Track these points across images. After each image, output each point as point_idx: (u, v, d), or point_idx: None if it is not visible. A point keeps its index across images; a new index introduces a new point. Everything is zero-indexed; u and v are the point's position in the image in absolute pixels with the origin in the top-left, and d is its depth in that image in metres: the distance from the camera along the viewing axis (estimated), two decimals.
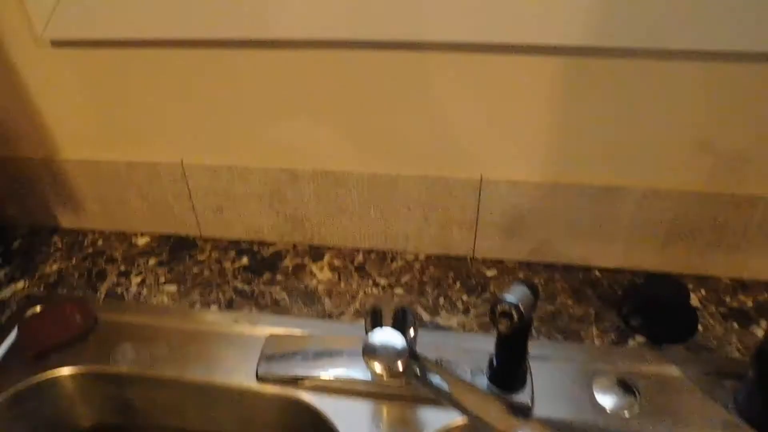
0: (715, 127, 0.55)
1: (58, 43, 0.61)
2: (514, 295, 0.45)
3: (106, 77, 0.62)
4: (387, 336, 0.42)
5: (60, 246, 0.74)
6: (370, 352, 0.42)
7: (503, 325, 0.45)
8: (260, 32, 0.56)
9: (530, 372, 0.54)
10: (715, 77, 0.52)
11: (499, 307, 0.45)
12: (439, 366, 0.48)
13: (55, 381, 0.58)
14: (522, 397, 0.52)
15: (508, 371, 0.52)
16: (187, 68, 0.60)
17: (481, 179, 0.62)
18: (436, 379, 0.46)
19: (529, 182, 0.61)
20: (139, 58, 0.60)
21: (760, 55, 0.51)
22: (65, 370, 0.58)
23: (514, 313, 0.44)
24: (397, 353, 0.42)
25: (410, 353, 0.46)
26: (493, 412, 0.44)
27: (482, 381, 0.53)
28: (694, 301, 0.62)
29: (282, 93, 0.60)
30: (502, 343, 0.50)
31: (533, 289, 0.47)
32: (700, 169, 0.58)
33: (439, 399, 0.46)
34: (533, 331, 0.59)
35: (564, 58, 0.54)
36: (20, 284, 0.68)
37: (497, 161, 0.61)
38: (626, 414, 0.52)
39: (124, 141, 0.67)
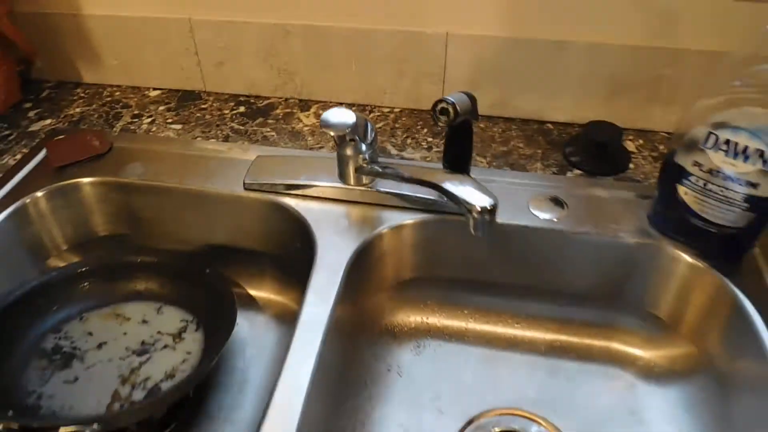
0: None
1: None
2: (453, 97, 0.54)
3: None
4: (341, 113, 0.52)
5: (82, 95, 0.84)
6: (325, 122, 0.51)
7: (442, 121, 0.54)
8: None
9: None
10: None
11: (438, 105, 0.54)
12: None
13: (77, 186, 0.68)
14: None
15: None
16: None
17: (447, 35, 0.70)
18: (394, 170, 0.56)
19: (489, 36, 0.69)
20: None
21: None
22: (85, 179, 0.69)
23: (450, 110, 0.53)
24: (348, 125, 0.51)
25: (370, 157, 0.56)
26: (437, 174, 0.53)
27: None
28: (631, 147, 0.70)
29: None
30: (447, 148, 0.59)
31: (471, 97, 0.55)
32: (637, 25, 0.65)
33: (400, 182, 0.56)
34: (484, 162, 0.68)
35: None
36: (48, 121, 0.79)
37: (461, 17, 0.69)
38: (555, 220, 0.61)
39: None
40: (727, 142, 0.50)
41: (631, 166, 0.68)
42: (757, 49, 0.48)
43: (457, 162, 0.61)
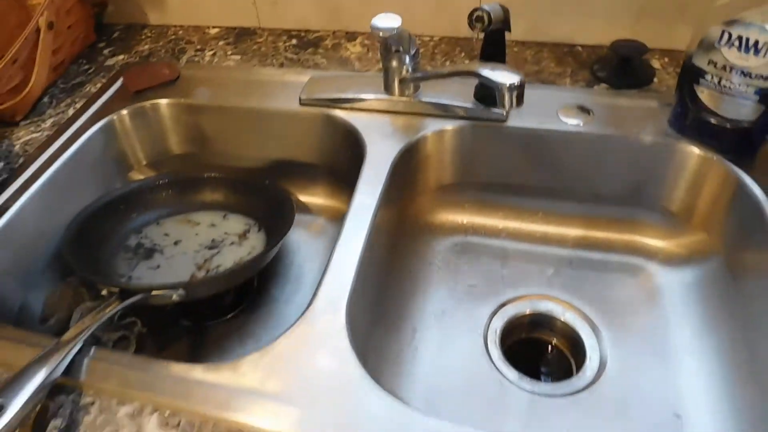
0: None
1: None
2: (488, 6, 0.60)
3: None
4: (389, 17, 0.59)
5: (149, 35, 0.93)
6: (375, 26, 0.58)
7: (477, 28, 0.60)
8: None
9: None
10: None
11: (475, 13, 0.60)
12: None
13: (156, 106, 0.77)
14: (499, 112, 0.68)
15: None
16: None
17: None
18: (435, 71, 0.63)
19: None
20: None
21: None
22: (162, 100, 0.77)
23: (485, 17, 0.60)
24: (395, 27, 0.58)
25: (413, 68, 0.63)
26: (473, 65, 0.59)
27: (469, 96, 0.69)
28: (656, 65, 0.75)
29: None
30: (481, 55, 0.65)
31: (504, 8, 0.62)
32: None
33: (442, 78, 0.62)
34: None
35: None
36: (121, 56, 0.88)
37: None
38: (581, 125, 0.67)
39: None
40: (739, 38, 0.56)
41: (655, 80, 0.73)
42: None
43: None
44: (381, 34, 0.59)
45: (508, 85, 0.53)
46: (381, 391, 0.44)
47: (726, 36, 0.56)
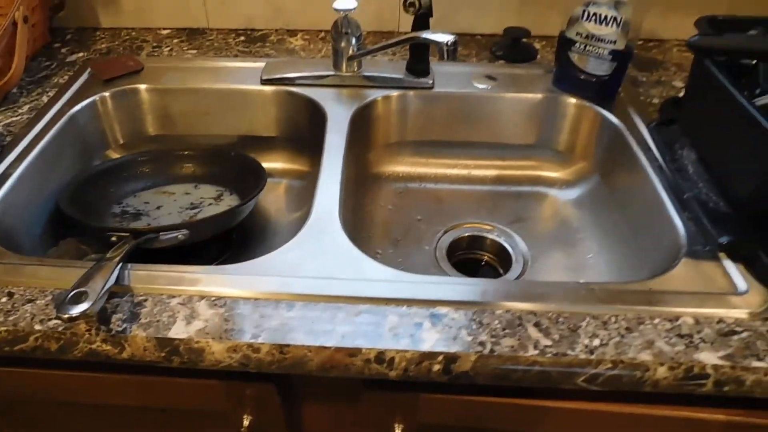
0: None
1: None
2: None
3: None
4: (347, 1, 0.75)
5: (103, 36, 1.02)
6: (336, 7, 0.75)
7: (410, 11, 0.78)
8: None
9: (431, 69, 0.88)
10: None
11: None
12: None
13: (135, 90, 0.88)
14: (426, 81, 0.86)
15: (418, 61, 0.85)
16: None
17: None
18: (380, 46, 0.79)
19: None
20: None
21: None
22: (141, 85, 0.88)
23: (417, 2, 0.78)
24: (353, 6, 0.75)
25: (358, 48, 0.80)
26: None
27: (402, 70, 0.86)
28: (537, 46, 0.97)
29: None
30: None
31: None
32: None
33: (388, 49, 0.79)
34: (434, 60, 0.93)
35: None
36: (80, 54, 0.97)
37: None
38: (489, 88, 0.87)
39: None
40: (595, 14, 0.78)
41: (538, 57, 0.95)
42: None
43: (418, 61, 0.85)
44: (342, 12, 0.75)
45: (446, 42, 0.71)
46: (378, 263, 0.60)
47: (586, 14, 0.78)
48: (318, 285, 0.57)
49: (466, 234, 0.84)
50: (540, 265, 0.79)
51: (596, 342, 0.52)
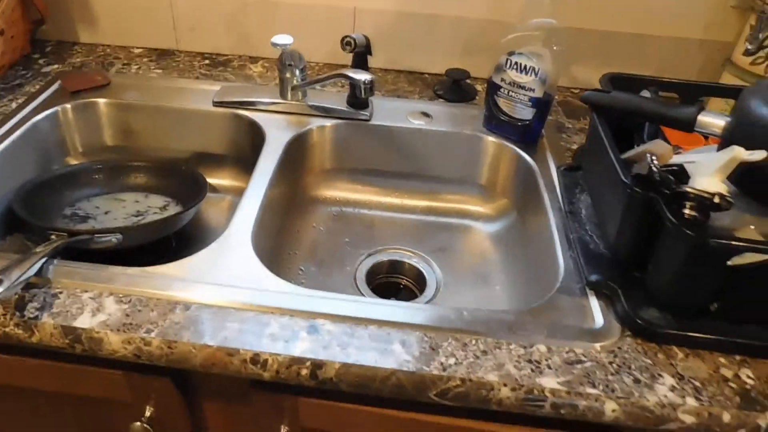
0: None
1: None
2: (355, 35, 0.86)
3: None
4: (284, 37, 0.83)
5: (80, 51, 1.10)
6: (274, 42, 0.82)
7: (346, 49, 0.86)
8: None
9: (371, 105, 0.95)
10: None
11: (345, 39, 0.85)
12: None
13: (95, 103, 0.95)
14: (364, 113, 0.93)
15: (359, 94, 0.92)
16: None
17: (355, 9, 1.03)
18: (318, 78, 0.87)
19: (384, 10, 1.02)
20: None
21: None
22: (101, 99, 0.95)
23: (353, 42, 0.85)
24: (289, 42, 0.82)
25: (302, 79, 0.87)
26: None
27: (343, 102, 0.93)
28: (479, 87, 1.04)
29: None
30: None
31: (367, 38, 0.87)
32: (483, 4, 1.00)
33: (322, 82, 0.86)
34: (379, 94, 1.00)
35: None
36: (55, 66, 1.05)
37: None
38: (423, 124, 0.93)
39: None
40: (517, 63, 0.85)
41: (477, 98, 1.02)
42: (525, 10, 0.83)
43: (359, 96, 0.92)
44: (279, 48, 0.82)
45: (363, 80, 0.78)
46: (274, 275, 0.66)
47: (509, 62, 0.85)
48: (216, 292, 0.63)
49: (387, 258, 0.90)
50: (450, 292, 0.84)
51: (452, 361, 0.57)
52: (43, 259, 0.66)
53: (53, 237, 0.74)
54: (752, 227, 0.62)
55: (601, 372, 0.57)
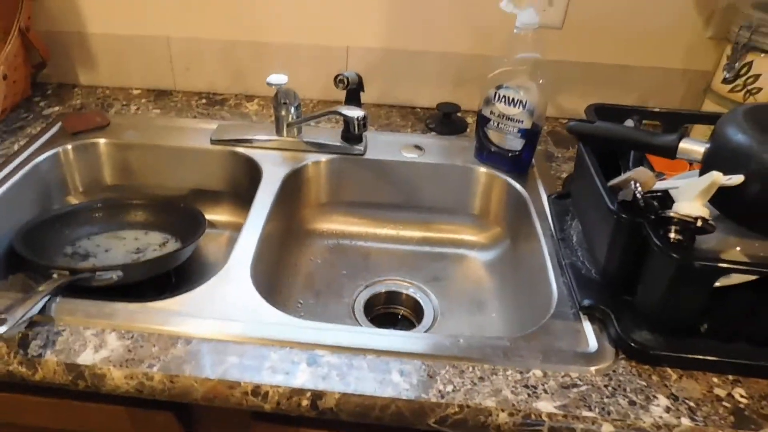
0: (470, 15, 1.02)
1: None
2: (347, 73, 0.89)
3: None
4: (279, 77, 0.85)
5: (80, 93, 1.13)
6: (269, 82, 0.85)
7: (339, 87, 0.88)
8: None
9: (365, 139, 0.97)
10: None
11: (338, 77, 0.88)
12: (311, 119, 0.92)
13: (95, 144, 0.97)
14: (359, 148, 0.95)
15: (353, 130, 0.95)
16: None
17: (347, 48, 1.06)
18: (312, 115, 0.89)
19: (375, 48, 1.06)
20: None
21: None
22: (101, 140, 0.98)
23: (345, 79, 0.88)
24: (283, 81, 0.85)
25: (297, 116, 0.90)
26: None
27: (338, 137, 0.96)
28: (469, 120, 1.07)
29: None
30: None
31: (359, 75, 0.91)
32: (467, 40, 1.04)
33: (316, 119, 0.89)
34: (372, 129, 1.03)
35: None
36: (56, 108, 1.07)
37: (357, 36, 1.05)
38: (416, 157, 0.96)
39: (130, 21, 1.08)
40: (505, 96, 0.88)
41: (468, 130, 1.05)
42: (510, 46, 0.86)
43: (353, 130, 0.95)
44: (274, 87, 0.85)
45: (356, 117, 0.81)
46: (273, 308, 0.67)
47: (497, 95, 0.88)
48: (216, 325, 0.64)
49: (384, 290, 0.91)
50: (447, 321, 0.86)
51: (449, 388, 0.58)
52: (46, 297, 0.67)
53: (55, 275, 0.75)
54: (738, 249, 0.64)
55: (597, 395, 0.58)
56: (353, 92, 0.91)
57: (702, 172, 0.65)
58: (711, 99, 0.97)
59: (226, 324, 0.64)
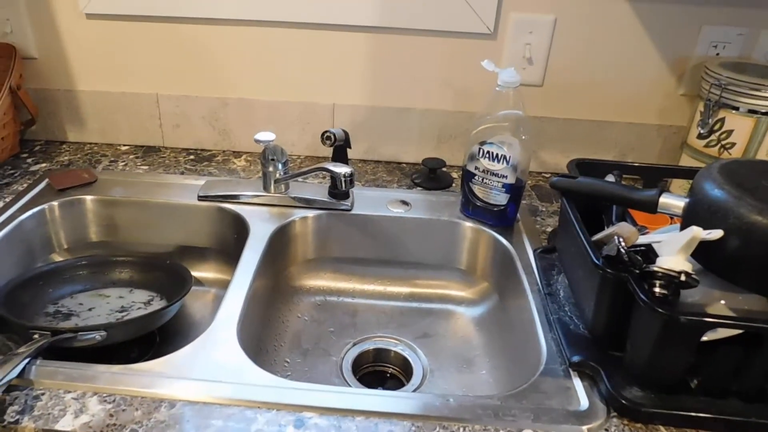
0: (451, 73, 1.05)
1: (90, 16, 1.04)
2: (334, 130, 0.91)
3: (116, 41, 1.06)
4: (267, 134, 0.87)
5: (68, 149, 1.13)
6: (257, 139, 0.86)
7: (326, 144, 0.90)
8: (211, 13, 1.02)
9: (352, 194, 0.98)
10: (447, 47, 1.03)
11: (325, 133, 0.90)
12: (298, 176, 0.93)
13: (81, 200, 0.97)
14: (345, 203, 0.96)
15: (340, 187, 0.95)
16: (162, 41, 1.05)
17: (334, 105, 1.09)
18: (299, 172, 0.90)
19: (360, 105, 1.08)
20: (132, 28, 1.05)
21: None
22: (87, 196, 0.97)
23: (332, 136, 0.90)
24: (271, 139, 0.86)
25: (284, 172, 0.91)
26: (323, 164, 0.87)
27: (325, 193, 0.97)
28: (454, 174, 1.09)
29: (214, 57, 1.06)
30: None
31: (346, 132, 0.92)
32: (450, 98, 1.07)
33: (304, 176, 0.90)
34: (359, 184, 1.04)
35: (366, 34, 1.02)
36: (43, 164, 1.07)
37: (342, 94, 1.08)
38: (403, 212, 0.97)
39: (119, 79, 1.09)
40: (489, 152, 0.89)
41: (454, 184, 1.06)
42: (492, 103, 0.89)
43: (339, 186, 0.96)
44: (262, 144, 0.86)
45: (343, 173, 0.82)
46: (260, 368, 0.66)
47: (481, 151, 0.90)
48: (201, 388, 0.63)
49: (372, 347, 0.90)
50: (437, 379, 0.84)
51: None
52: (26, 360, 0.65)
53: (36, 336, 0.73)
54: (722, 302, 0.65)
55: None
56: (340, 149, 0.92)
57: (683, 227, 0.66)
58: (688, 153, 1.00)
59: (212, 386, 0.63)
